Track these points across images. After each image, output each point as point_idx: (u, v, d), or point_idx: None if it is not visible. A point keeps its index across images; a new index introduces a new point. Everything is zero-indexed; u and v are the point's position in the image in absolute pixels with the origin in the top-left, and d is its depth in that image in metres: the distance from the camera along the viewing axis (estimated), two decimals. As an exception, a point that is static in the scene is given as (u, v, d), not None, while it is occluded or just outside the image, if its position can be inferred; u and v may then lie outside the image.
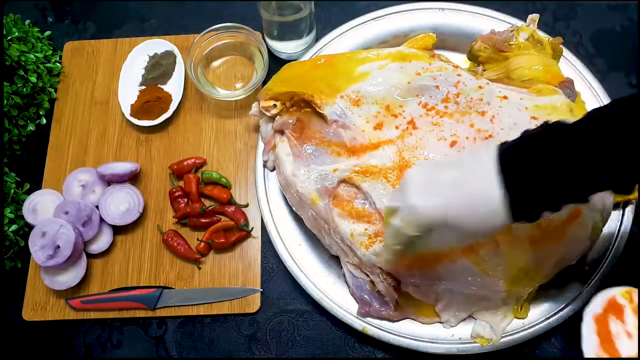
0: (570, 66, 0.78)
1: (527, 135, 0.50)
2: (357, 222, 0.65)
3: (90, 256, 0.77)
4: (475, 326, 0.66)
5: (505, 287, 0.62)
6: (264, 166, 0.76)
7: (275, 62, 0.85)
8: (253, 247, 0.77)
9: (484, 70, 0.74)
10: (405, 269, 0.63)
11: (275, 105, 0.72)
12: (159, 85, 0.85)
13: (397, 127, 0.67)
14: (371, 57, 0.71)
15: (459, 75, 0.68)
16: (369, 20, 0.82)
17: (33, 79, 0.81)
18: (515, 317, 0.67)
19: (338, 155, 0.67)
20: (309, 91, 0.69)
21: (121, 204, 0.77)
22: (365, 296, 0.68)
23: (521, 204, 0.48)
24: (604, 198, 0.66)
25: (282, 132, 0.71)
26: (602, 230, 0.67)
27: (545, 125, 0.50)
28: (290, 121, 0.70)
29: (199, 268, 0.76)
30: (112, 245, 0.78)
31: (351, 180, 0.65)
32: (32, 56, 0.82)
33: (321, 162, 0.67)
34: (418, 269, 0.63)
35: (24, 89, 0.80)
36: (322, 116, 0.68)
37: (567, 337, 0.72)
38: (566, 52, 0.77)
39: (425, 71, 0.69)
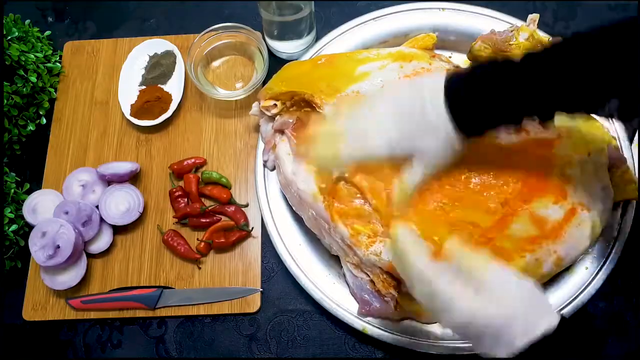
0: (570, 66, 0.78)
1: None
2: (357, 221, 0.65)
3: (90, 256, 0.77)
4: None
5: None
6: (264, 166, 0.76)
7: (275, 62, 0.84)
8: (253, 247, 0.77)
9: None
10: None
11: (275, 105, 0.72)
12: (159, 85, 0.85)
13: None
14: (371, 57, 0.71)
15: None
16: (369, 20, 0.82)
17: (33, 78, 0.81)
18: (515, 317, 0.67)
19: None
20: (309, 91, 0.69)
21: (121, 204, 0.77)
22: (366, 296, 0.68)
23: (463, 114, 0.52)
24: (604, 199, 0.66)
25: (282, 132, 0.71)
26: (601, 230, 0.67)
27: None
28: (291, 121, 0.70)
29: (199, 268, 0.76)
30: (112, 245, 0.78)
31: (351, 180, 0.65)
32: (32, 56, 0.82)
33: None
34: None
35: (24, 89, 0.80)
36: (322, 116, 0.68)
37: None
38: (566, 52, 0.77)
39: (426, 71, 0.69)
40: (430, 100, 0.54)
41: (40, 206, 0.77)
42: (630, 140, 0.77)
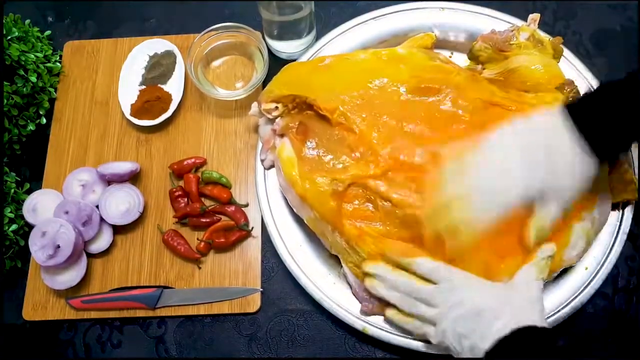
0: (570, 66, 0.78)
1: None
2: (362, 222, 0.65)
3: (90, 256, 0.77)
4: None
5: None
6: (262, 164, 0.76)
7: (275, 62, 0.84)
8: (253, 247, 0.77)
9: (484, 69, 0.74)
10: None
11: (276, 108, 0.71)
12: (159, 85, 0.85)
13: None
14: (374, 58, 0.71)
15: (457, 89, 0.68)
16: (369, 20, 0.82)
17: (33, 78, 0.81)
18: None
19: (341, 158, 0.66)
20: (311, 95, 0.68)
21: (121, 203, 0.77)
22: (368, 295, 0.68)
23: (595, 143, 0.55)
24: (601, 207, 0.66)
25: (282, 135, 0.71)
26: (593, 241, 0.68)
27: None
28: (292, 124, 0.69)
29: (199, 268, 0.76)
30: (112, 245, 0.78)
31: (354, 184, 0.65)
32: (32, 56, 0.82)
33: (325, 164, 0.67)
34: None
35: (24, 89, 0.80)
36: (325, 119, 0.68)
37: (566, 336, 0.72)
38: (566, 52, 0.77)
39: (428, 77, 0.68)
40: (558, 137, 0.56)
41: (40, 206, 0.77)
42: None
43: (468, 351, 0.55)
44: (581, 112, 0.56)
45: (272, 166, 0.75)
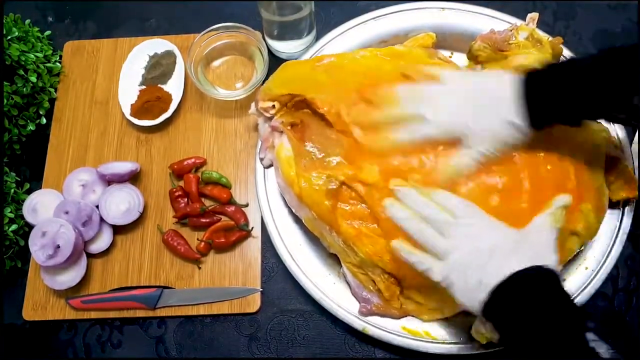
0: (570, 66, 0.78)
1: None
2: (359, 222, 0.65)
3: (90, 256, 0.77)
4: (476, 323, 0.66)
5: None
6: (261, 163, 0.76)
7: (275, 62, 0.84)
8: (253, 247, 0.77)
9: (483, 69, 0.74)
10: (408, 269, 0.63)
11: (273, 107, 0.71)
12: (159, 85, 0.85)
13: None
14: (373, 56, 0.71)
15: None
16: (368, 20, 0.82)
17: (33, 78, 0.81)
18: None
19: (339, 157, 0.66)
20: (309, 94, 0.68)
21: (121, 203, 0.77)
22: (367, 295, 0.68)
23: (535, 108, 0.58)
24: (597, 197, 0.66)
25: (281, 132, 0.71)
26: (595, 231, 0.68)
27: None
28: (290, 121, 0.69)
29: (199, 268, 0.76)
30: (112, 245, 0.78)
31: (351, 184, 0.65)
32: (32, 56, 0.82)
33: (320, 161, 0.67)
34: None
35: (24, 89, 0.80)
36: (323, 118, 0.68)
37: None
38: (566, 52, 0.77)
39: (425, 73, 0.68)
40: (504, 92, 0.59)
41: (40, 206, 0.77)
42: (630, 141, 0.77)
43: (474, 287, 0.52)
44: (537, 79, 0.59)
45: (271, 165, 0.75)
